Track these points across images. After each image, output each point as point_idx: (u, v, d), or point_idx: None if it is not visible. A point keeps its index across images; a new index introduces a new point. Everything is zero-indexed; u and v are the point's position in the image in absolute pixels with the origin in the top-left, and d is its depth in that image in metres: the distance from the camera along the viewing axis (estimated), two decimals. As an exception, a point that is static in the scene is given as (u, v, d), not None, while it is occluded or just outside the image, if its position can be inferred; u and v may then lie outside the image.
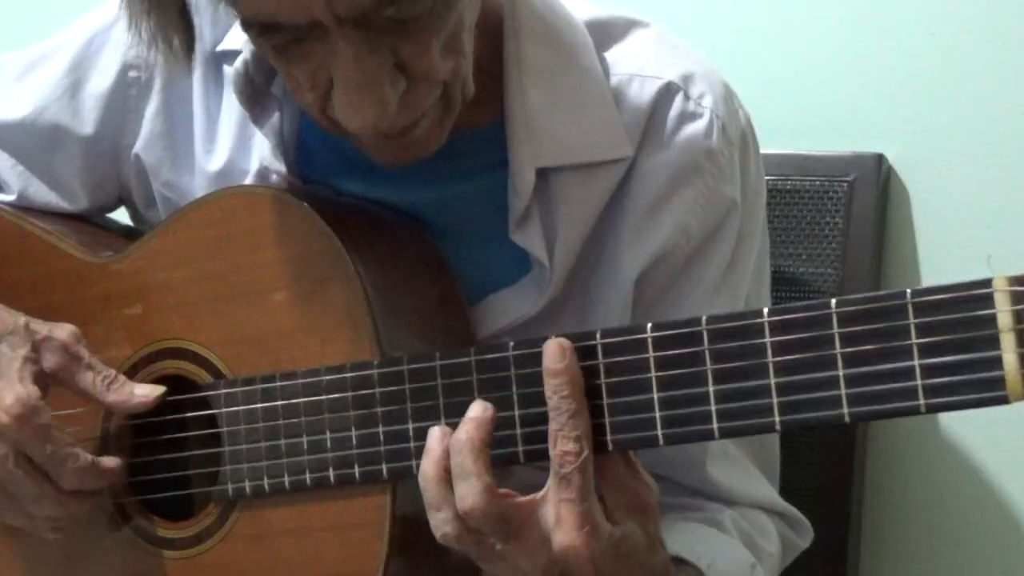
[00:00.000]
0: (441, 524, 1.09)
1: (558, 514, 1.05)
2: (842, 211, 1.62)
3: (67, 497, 1.25)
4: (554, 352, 1.07)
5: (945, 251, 1.64)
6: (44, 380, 1.26)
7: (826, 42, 1.68)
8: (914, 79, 1.64)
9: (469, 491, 1.06)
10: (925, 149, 1.64)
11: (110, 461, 1.27)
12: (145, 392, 1.27)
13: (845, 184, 1.62)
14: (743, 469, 1.37)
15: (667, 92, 1.32)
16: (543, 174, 1.30)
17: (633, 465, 1.09)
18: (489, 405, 1.09)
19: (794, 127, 1.67)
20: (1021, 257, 1.59)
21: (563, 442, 1.05)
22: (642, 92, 1.32)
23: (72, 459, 1.24)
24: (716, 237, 1.33)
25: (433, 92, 1.19)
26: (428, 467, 1.10)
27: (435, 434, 1.11)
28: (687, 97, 1.32)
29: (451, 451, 1.09)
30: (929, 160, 1.64)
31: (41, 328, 1.28)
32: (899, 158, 1.65)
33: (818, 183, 1.63)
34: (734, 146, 1.33)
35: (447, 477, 1.09)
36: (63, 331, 1.28)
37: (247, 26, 1.15)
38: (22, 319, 1.29)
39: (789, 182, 1.63)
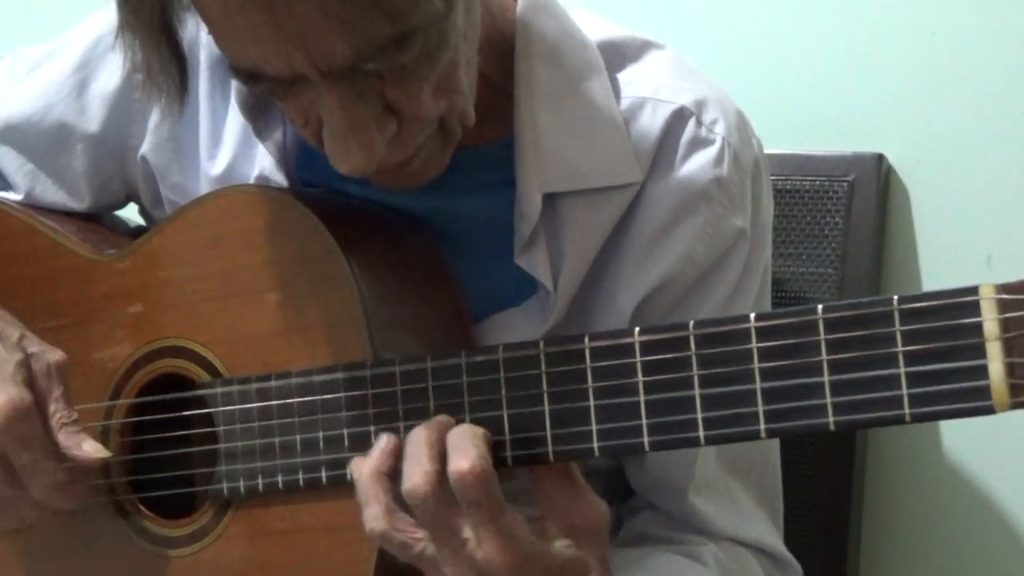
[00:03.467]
0: (370, 519, 1.09)
1: (475, 530, 1.06)
2: (842, 211, 1.62)
3: (39, 505, 1.26)
4: None
5: (945, 251, 1.63)
6: (32, 388, 1.26)
7: (826, 42, 1.68)
8: (914, 79, 1.64)
9: (418, 471, 1.07)
10: (925, 149, 1.64)
11: (78, 490, 1.27)
12: (91, 448, 1.25)
13: (845, 184, 1.62)
14: (730, 501, 1.35)
15: (679, 117, 1.31)
16: (550, 198, 1.29)
17: (576, 484, 1.09)
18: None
19: (794, 127, 1.67)
20: (1021, 257, 1.59)
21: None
22: (654, 116, 1.31)
23: (48, 474, 1.24)
24: (721, 265, 1.32)
25: (426, 129, 1.18)
26: (366, 464, 1.11)
27: (383, 439, 1.12)
28: (699, 123, 1.30)
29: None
30: (929, 160, 1.64)
31: (33, 344, 1.28)
32: (899, 158, 1.65)
33: (818, 183, 1.63)
34: (746, 174, 1.32)
35: (382, 475, 1.10)
36: (55, 354, 1.28)
37: (235, 72, 1.15)
38: (17, 329, 1.29)
39: (789, 182, 1.63)
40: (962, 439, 1.64)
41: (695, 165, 1.30)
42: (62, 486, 1.25)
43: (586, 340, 1.09)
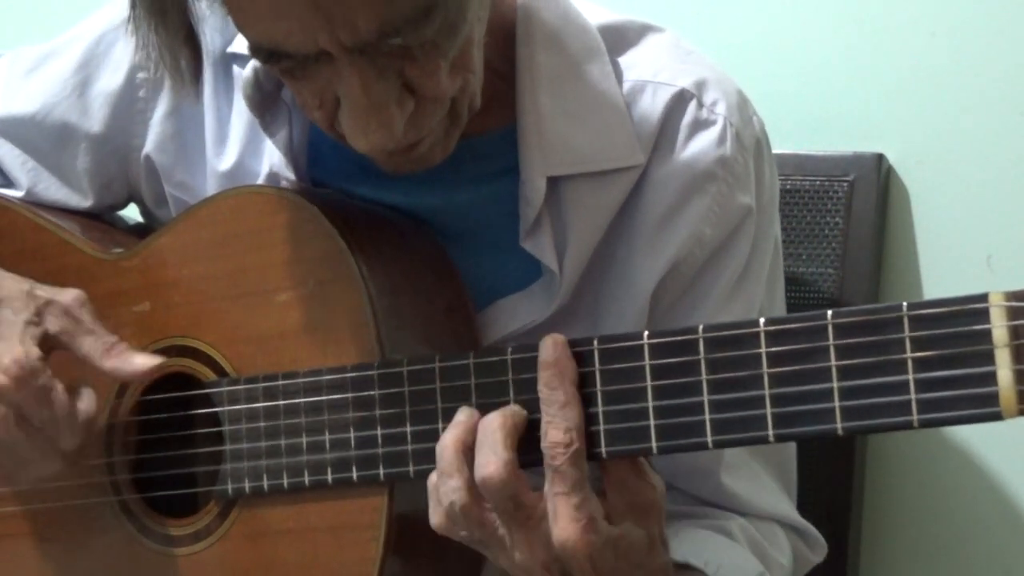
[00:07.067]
0: (450, 492, 1.09)
1: (554, 508, 1.06)
2: (842, 211, 1.62)
3: (60, 456, 1.26)
4: (546, 346, 1.08)
5: (945, 251, 1.64)
6: (47, 343, 1.26)
7: (826, 42, 1.68)
8: (914, 79, 1.64)
9: (492, 459, 1.07)
10: (925, 149, 1.64)
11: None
12: (144, 360, 1.26)
13: (845, 184, 1.63)
14: (758, 480, 1.36)
15: (680, 100, 1.31)
16: (554, 182, 1.29)
17: (638, 463, 1.09)
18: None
19: (794, 127, 1.67)
20: (1021, 257, 1.59)
21: (553, 433, 1.06)
22: (655, 99, 1.32)
23: (71, 420, 1.24)
24: (730, 245, 1.32)
25: (441, 109, 1.19)
26: (449, 436, 1.10)
27: (465, 411, 1.12)
28: (700, 104, 1.31)
29: (480, 427, 1.09)
30: (929, 160, 1.64)
31: (44, 292, 1.28)
32: (899, 158, 1.65)
33: (818, 183, 1.64)
34: (748, 153, 1.32)
35: (465, 449, 1.09)
36: (67, 295, 1.28)
37: (255, 51, 1.15)
38: (26, 284, 1.29)
39: (789, 182, 1.63)
40: (963, 437, 1.64)
41: (698, 147, 1.31)
42: (87, 423, 1.25)
43: (595, 343, 1.09)
